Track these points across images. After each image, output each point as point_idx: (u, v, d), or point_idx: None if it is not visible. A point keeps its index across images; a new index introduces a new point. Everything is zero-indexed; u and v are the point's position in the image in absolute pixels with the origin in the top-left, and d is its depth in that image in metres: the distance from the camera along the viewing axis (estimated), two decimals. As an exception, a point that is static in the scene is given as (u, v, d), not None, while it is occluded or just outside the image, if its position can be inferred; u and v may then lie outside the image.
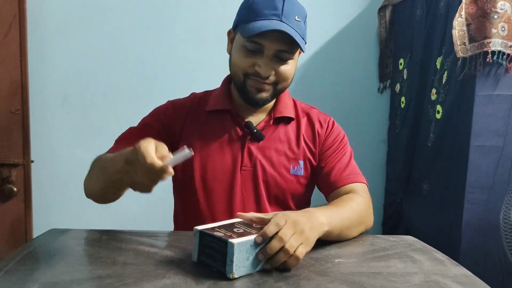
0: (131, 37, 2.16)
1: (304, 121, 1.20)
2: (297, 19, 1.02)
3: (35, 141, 2.10)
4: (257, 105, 1.12)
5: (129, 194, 1.00)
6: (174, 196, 1.22)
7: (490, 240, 1.61)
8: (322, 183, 1.16)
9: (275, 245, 0.75)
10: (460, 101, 1.66)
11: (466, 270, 0.80)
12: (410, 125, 2.08)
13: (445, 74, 1.76)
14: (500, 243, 1.62)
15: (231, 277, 0.72)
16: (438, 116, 1.80)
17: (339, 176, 1.13)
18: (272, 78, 1.06)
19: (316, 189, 1.22)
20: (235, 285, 0.69)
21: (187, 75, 2.17)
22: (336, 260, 0.82)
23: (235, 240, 0.72)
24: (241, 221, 0.86)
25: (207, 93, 1.23)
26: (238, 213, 0.87)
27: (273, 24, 0.99)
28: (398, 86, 2.25)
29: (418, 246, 0.95)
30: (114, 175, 0.88)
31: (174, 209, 1.23)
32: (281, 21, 1.00)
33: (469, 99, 1.60)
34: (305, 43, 1.06)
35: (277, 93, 1.12)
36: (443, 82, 1.77)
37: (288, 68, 1.07)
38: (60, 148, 2.18)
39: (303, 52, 1.06)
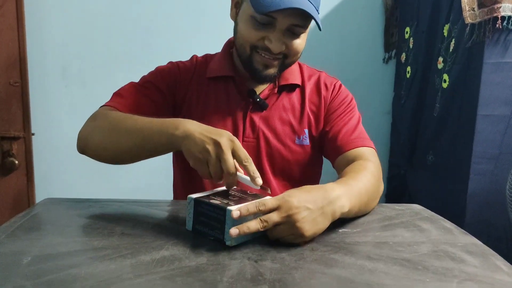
0: (130, 6, 2.10)
1: (309, 86, 1.13)
2: None
3: (35, 114, 2.08)
4: (263, 81, 1.06)
5: (132, 165, 0.97)
6: (173, 166, 1.19)
7: (495, 211, 1.59)
8: (328, 148, 1.10)
9: (253, 225, 0.68)
10: (467, 69, 1.61)
11: (475, 239, 0.77)
12: (415, 96, 2.04)
13: (453, 42, 1.71)
14: (505, 214, 1.60)
15: (230, 244, 0.70)
16: (445, 85, 1.75)
17: (346, 140, 1.05)
18: (282, 51, 0.99)
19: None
20: (235, 257, 0.66)
21: (187, 42, 2.12)
22: (340, 230, 0.80)
23: (233, 207, 0.69)
24: (234, 188, 0.83)
25: (207, 58, 1.16)
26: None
27: None
28: (403, 56, 2.20)
29: (425, 214, 0.92)
30: (160, 146, 0.85)
31: (174, 179, 1.20)
32: None
33: (477, 67, 1.55)
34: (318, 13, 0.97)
35: (284, 68, 1.05)
36: (450, 50, 1.72)
37: (300, 42, 1.00)
38: (60, 120, 2.16)
39: (320, 30, 0.97)
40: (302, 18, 0.94)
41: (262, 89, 1.10)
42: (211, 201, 0.73)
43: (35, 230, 0.75)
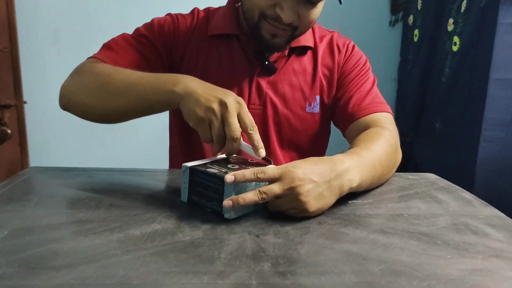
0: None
1: (322, 48, 1.02)
2: None
3: (27, 81, 2.01)
4: (269, 50, 0.96)
5: (128, 133, 0.90)
6: (170, 129, 1.11)
7: (505, 180, 1.54)
8: (339, 116, 1.00)
9: (249, 197, 0.62)
10: (480, 30, 1.53)
11: (498, 211, 0.71)
12: (423, 60, 1.96)
13: (465, 2, 1.62)
14: (515, 183, 1.54)
15: (228, 217, 0.63)
16: (455, 48, 1.67)
17: (358, 106, 0.96)
18: (293, 22, 0.87)
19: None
20: (235, 231, 0.60)
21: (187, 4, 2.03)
22: (350, 202, 0.73)
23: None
24: (234, 156, 0.76)
25: (210, 12, 1.04)
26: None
27: None
28: (411, 18, 2.10)
29: (441, 184, 0.86)
30: (155, 105, 0.76)
31: (170, 146, 1.13)
32: None
33: (490, 28, 1.47)
34: None
35: (294, 38, 0.94)
36: (462, 11, 1.63)
37: (316, 12, 0.88)
38: (54, 88, 2.06)
39: (340, 4, 0.86)
40: None
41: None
42: (208, 169, 0.66)
43: (15, 201, 0.69)
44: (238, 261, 0.51)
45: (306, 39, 1.00)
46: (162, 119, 1.08)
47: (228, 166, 0.69)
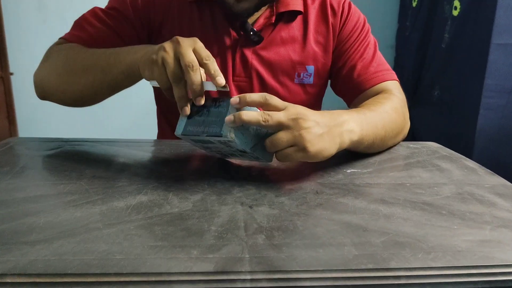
0: None
1: (313, 11, 0.92)
2: None
3: (12, 52, 1.94)
4: (236, 17, 0.87)
5: (119, 104, 0.86)
6: (156, 99, 1.06)
7: (504, 149, 1.51)
8: (343, 87, 0.93)
9: (252, 115, 0.59)
10: (482, -7, 1.47)
11: (504, 179, 0.68)
12: (422, 26, 1.90)
13: (466, -37, 1.55)
14: (514, 152, 1.52)
15: (226, 138, 0.59)
16: (455, 12, 1.61)
17: (364, 75, 0.89)
18: None
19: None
20: (226, 202, 0.57)
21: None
22: (348, 171, 0.69)
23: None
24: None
25: None
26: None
27: None
28: (410, -18, 2.04)
29: (443, 153, 0.82)
30: (119, 75, 0.74)
31: (157, 117, 1.07)
32: None
33: (493, -9, 1.41)
34: None
35: (264, 3, 0.86)
36: (463, -27, 1.57)
37: None
38: (40, 57, 1.99)
39: None
40: None
41: (256, 17, 0.90)
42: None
43: (-9, 173, 0.64)
44: (229, 234, 0.48)
45: (295, 3, 0.90)
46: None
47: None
